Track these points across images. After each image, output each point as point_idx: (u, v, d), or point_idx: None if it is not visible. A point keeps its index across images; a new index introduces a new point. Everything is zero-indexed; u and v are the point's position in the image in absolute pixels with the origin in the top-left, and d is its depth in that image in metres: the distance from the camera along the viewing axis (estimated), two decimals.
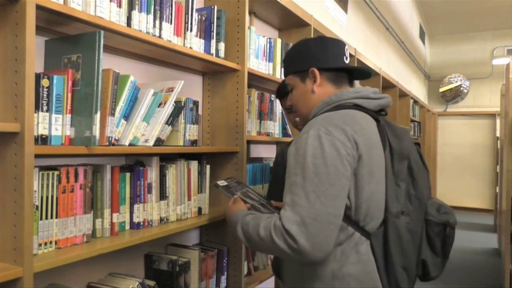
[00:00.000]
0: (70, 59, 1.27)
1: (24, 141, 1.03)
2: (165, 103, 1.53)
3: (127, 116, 1.41)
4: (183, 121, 1.67)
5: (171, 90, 1.56)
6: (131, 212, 1.48)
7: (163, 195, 1.60)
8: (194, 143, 1.73)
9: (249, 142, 2.43)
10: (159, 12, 1.53)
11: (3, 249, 1.07)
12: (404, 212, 1.16)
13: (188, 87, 1.99)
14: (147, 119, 1.48)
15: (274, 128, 2.38)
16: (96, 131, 1.21)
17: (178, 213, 1.66)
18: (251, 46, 2.11)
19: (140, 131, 1.45)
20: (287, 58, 1.38)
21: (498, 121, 7.32)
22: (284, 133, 2.53)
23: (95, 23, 1.25)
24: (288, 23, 2.69)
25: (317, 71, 1.27)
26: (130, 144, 1.42)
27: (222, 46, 1.89)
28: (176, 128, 1.65)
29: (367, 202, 1.12)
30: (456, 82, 8.47)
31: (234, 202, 1.40)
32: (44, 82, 1.14)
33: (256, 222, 1.16)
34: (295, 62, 1.33)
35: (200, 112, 2.00)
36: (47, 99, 1.15)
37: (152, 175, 1.55)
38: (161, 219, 1.59)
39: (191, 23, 1.69)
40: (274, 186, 1.98)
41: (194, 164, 1.75)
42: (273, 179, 2.00)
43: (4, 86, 1.07)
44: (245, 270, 2.05)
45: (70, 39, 1.29)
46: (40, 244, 1.16)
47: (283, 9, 2.40)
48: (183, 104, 1.66)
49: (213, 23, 1.83)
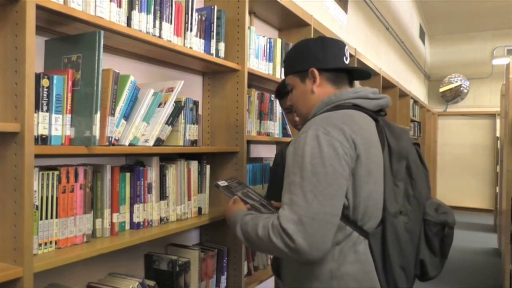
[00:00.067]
0: (70, 59, 1.27)
1: (24, 141, 1.03)
2: (165, 103, 1.53)
3: (127, 116, 1.41)
4: (183, 121, 1.67)
5: (171, 90, 1.56)
6: (131, 212, 1.48)
7: (163, 195, 1.60)
8: (194, 143, 1.73)
9: (249, 142, 2.43)
10: (159, 12, 1.53)
11: (3, 249, 1.07)
12: (402, 212, 1.16)
13: (188, 87, 1.99)
14: (147, 119, 1.48)
15: (274, 128, 2.38)
16: (96, 131, 1.21)
17: (178, 213, 1.67)
18: (251, 46, 2.11)
19: (140, 131, 1.45)
20: (287, 58, 1.38)
21: (498, 121, 7.32)
22: (284, 133, 2.53)
23: (95, 23, 1.25)
24: (288, 23, 2.69)
25: (316, 72, 1.28)
26: (130, 144, 1.42)
27: (222, 46, 1.89)
28: (176, 128, 1.65)
29: (365, 202, 1.12)
30: (456, 82, 8.47)
31: (234, 203, 1.40)
32: (44, 82, 1.14)
33: (255, 222, 1.16)
34: (295, 62, 1.34)
35: (200, 112, 2.00)
36: (47, 99, 1.15)
37: (152, 175, 1.55)
38: (161, 219, 1.59)
39: (191, 23, 1.69)
40: (273, 186, 1.98)
41: (194, 164, 1.76)
42: (272, 179, 2.00)
43: (4, 86, 1.07)
44: (245, 270, 2.05)
45: (70, 39, 1.29)
46: (40, 244, 1.16)
47: (283, 9, 2.40)
48: (183, 104, 1.66)
49: (213, 23, 1.83)
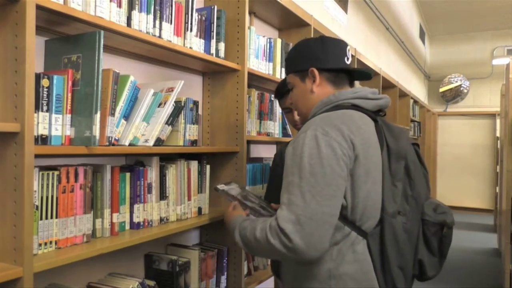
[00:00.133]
0: (70, 59, 1.27)
1: (24, 141, 1.03)
2: (165, 103, 1.53)
3: (127, 116, 1.41)
4: (183, 121, 1.67)
5: (171, 90, 1.56)
6: (131, 212, 1.48)
7: (163, 195, 1.60)
8: (194, 143, 1.73)
9: (249, 142, 2.43)
10: (159, 12, 1.53)
11: (3, 249, 1.07)
12: (400, 212, 1.16)
13: (188, 87, 1.99)
14: (147, 119, 1.48)
15: (274, 128, 2.38)
16: (96, 131, 1.21)
17: (178, 213, 1.67)
18: (251, 46, 2.11)
19: (140, 131, 1.45)
20: (288, 57, 1.38)
21: (498, 121, 7.32)
22: (284, 133, 2.53)
23: (95, 23, 1.25)
24: (288, 23, 2.69)
25: (316, 71, 1.27)
26: (130, 144, 1.42)
27: (222, 46, 1.89)
28: (176, 128, 1.65)
29: (364, 202, 1.13)
30: (456, 82, 8.47)
31: (233, 209, 1.40)
32: (44, 82, 1.14)
33: (253, 226, 1.17)
34: (295, 61, 1.34)
35: (200, 112, 2.00)
36: (47, 99, 1.15)
37: (152, 175, 1.55)
38: (161, 219, 1.59)
39: (191, 23, 1.69)
40: (272, 186, 1.98)
41: (194, 164, 1.76)
42: (271, 179, 2.00)
43: (4, 86, 1.07)
44: (245, 270, 2.05)
45: (70, 39, 1.29)
46: (40, 244, 1.16)
47: (283, 9, 2.40)
48: (183, 104, 1.66)
49: (213, 23, 1.83)
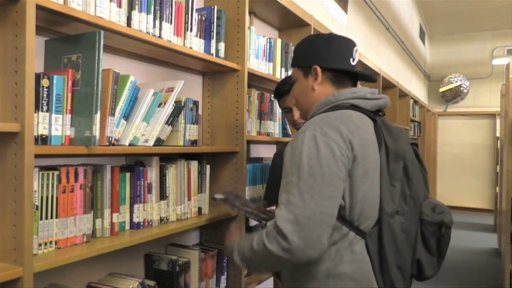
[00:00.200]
0: (70, 59, 1.27)
1: (24, 141, 1.03)
2: (165, 103, 1.53)
3: (127, 116, 1.41)
4: (183, 121, 1.67)
5: (171, 90, 1.56)
6: (131, 212, 1.48)
7: (163, 195, 1.60)
8: (194, 143, 1.73)
9: (249, 142, 2.43)
10: (159, 12, 1.53)
11: (3, 249, 1.07)
12: (399, 211, 1.16)
13: (188, 87, 1.99)
14: (147, 119, 1.48)
15: (274, 128, 2.38)
16: (96, 131, 1.21)
17: (178, 213, 1.67)
18: (251, 46, 2.11)
19: (140, 131, 1.45)
20: (295, 51, 1.37)
21: (498, 121, 7.32)
22: (284, 133, 2.53)
23: (95, 23, 1.25)
24: (288, 23, 2.69)
25: (319, 70, 1.27)
26: (130, 144, 1.42)
27: (222, 46, 1.89)
28: (176, 128, 1.65)
29: (362, 202, 1.13)
30: (456, 82, 8.47)
31: (229, 235, 1.40)
32: (44, 82, 1.14)
33: (250, 240, 1.17)
34: (300, 56, 1.33)
35: (200, 112, 2.00)
36: (47, 99, 1.15)
37: (152, 175, 1.55)
38: (161, 219, 1.59)
39: (191, 23, 1.69)
40: (272, 186, 1.98)
41: (194, 164, 1.75)
42: (271, 178, 2.00)
43: (4, 86, 1.07)
44: (245, 270, 2.05)
45: (70, 39, 1.29)
46: (40, 244, 1.16)
47: (283, 9, 2.40)
48: (183, 104, 1.66)
49: (213, 23, 1.83)
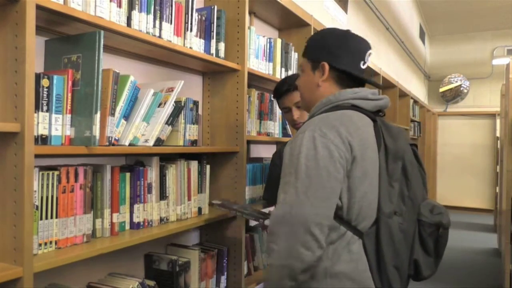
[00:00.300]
0: (70, 59, 1.27)
1: (24, 141, 1.03)
2: (165, 103, 1.53)
3: (127, 116, 1.41)
4: (183, 121, 1.67)
5: (171, 90, 1.56)
6: (131, 212, 1.48)
7: (163, 195, 1.60)
8: (194, 143, 1.73)
9: (249, 142, 2.43)
10: (159, 12, 1.53)
11: (3, 249, 1.07)
12: (397, 212, 1.16)
13: (188, 87, 1.99)
14: (147, 119, 1.48)
15: (274, 128, 2.38)
16: (96, 131, 1.21)
17: (178, 213, 1.67)
18: (251, 46, 2.11)
19: (140, 131, 1.45)
20: (309, 42, 1.35)
21: (498, 121, 7.32)
22: (284, 133, 2.53)
23: (95, 23, 1.25)
24: (288, 23, 2.69)
25: (327, 67, 1.26)
26: (130, 144, 1.42)
27: (222, 46, 1.89)
28: (176, 128, 1.65)
29: (360, 202, 1.13)
30: (456, 82, 8.47)
31: None
32: (44, 82, 1.14)
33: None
34: (312, 49, 1.32)
35: (200, 112, 2.00)
36: (47, 99, 1.15)
37: (152, 175, 1.55)
38: (161, 219, 1.59)
39: (191, 23, 1.69)
40: (271, 186, 1.98)
41: (194, 164, 1.75)
42: (269, 178, 2.00)
43: (4, 86, 1.07)
44: (245, 270, 2.05)
45: (70, 39, 1.29)
46: (40, 244, 1.16)
47: (283, 9, 2.40)
48: (183, 104, 1.66)
49: (213, 23, 1.83)
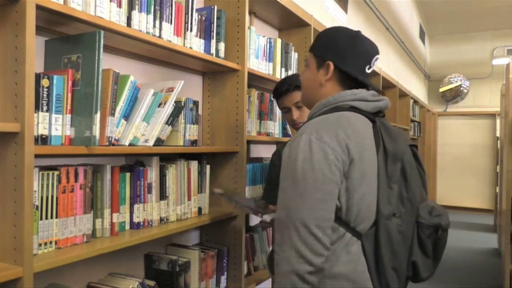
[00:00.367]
0: (70, 59, 1.27)
1: (24, 141, 1.03)
2: (165, 103, 1.53)
3: (127, 116, 1.41)
4: (183, 121, 1.67)
5: (171, 90, 1.56)
6: (131, 212, 1.48)
7: (163, 195, 1.60)
8: (194, 143, 1.73)
9: (249, 142, 2.43)
10: (159, 12, 1.53)
11: (3, 249, 1.07)
12: (395, 214, 1.16)
13: (188, 87, 1.99)
14: (147, 119, 1.48)
15: (274, 128, 2.38)
16: (96, 131, 1.21)
17: (178, 213, 1.67)
18: (251, 46, 2.11)
19: (140, 131, 1.45)
20: (318, 38, 1.34)
21: (498, 121, 7.32)
22: (284, 133, 2.53)
23: (95, 23, 1.25)
24: (288, 23, 2.69)
25: (332, 67, 1.25)
26: (130, 144, 1.42)
27: (222, 46, 1.89)
28: (176, 128, 1.65)
29: (359, 204, 1.13)
30: (456, 82, 8.47)
31: None
32: (44, 82, 1.14)
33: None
34: (320, 46, 1.31)
35: (200, 112, 2.00)
36: (47, 99, 1.15)
37: (152, 175, 1.55)
38: (161, 219, 1.59)
39: (191, 23, 1.69)
40: (270, 185, 1.98)
41: (194, 164, 1.75)
42: (269, 178, 2.00)
43: (4, 86, 1.07)
44: (245, 270, 2.05)
45: (70, 39, 1.29)
46: (40, 244, 1.16)
47: (283, 9, 2.40)
48: (183, 104, 1.66)
49: (213, 23, 1.83)
